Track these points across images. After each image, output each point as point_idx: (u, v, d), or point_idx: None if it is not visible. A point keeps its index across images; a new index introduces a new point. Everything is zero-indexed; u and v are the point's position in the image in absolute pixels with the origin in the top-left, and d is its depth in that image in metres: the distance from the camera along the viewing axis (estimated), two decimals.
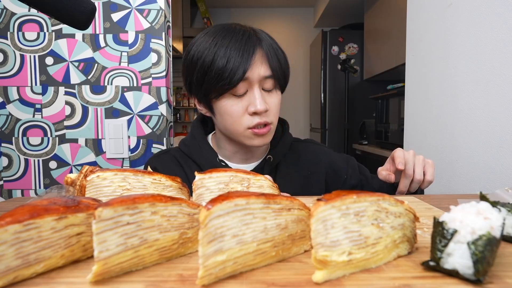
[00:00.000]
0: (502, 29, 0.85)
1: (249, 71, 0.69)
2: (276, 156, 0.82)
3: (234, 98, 0.72)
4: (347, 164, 0.88)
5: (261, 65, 0.71)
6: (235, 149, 0.82)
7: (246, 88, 0.71)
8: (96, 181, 0.50)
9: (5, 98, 1.16)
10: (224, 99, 0.72)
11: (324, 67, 3.54)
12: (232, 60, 0.68)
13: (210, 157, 0.80)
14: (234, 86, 0.69)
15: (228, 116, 0.73)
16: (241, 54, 0.69)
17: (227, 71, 0.68)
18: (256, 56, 0.70)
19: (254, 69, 0.70)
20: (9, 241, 0.30)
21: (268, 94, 0.74)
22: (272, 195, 0.35)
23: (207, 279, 0.30)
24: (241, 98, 0.72)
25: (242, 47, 0.69)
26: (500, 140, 0.86)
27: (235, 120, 0.73)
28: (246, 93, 0.72)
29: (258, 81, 0.71)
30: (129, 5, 1.16)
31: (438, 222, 0.33)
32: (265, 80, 0.72)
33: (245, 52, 0.69)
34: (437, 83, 1.14)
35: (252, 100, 0.71)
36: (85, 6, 0.59)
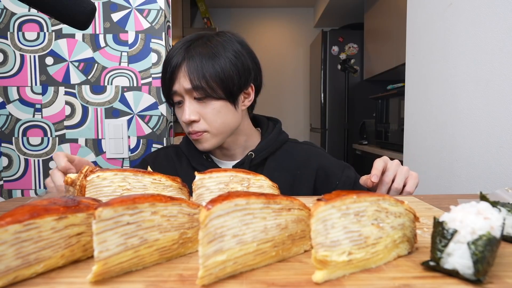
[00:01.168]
0: (502, 29, 0.85)
1: (175, 84, 0.77)
2: (258, 152, 0.84)
3: (177, 106, 0.81)
4: (342, 171, 0.87)
5: (184, 78, 0.76)
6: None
7: (180, 97, 0.79)
8: (96, 181, 0.50)
9: (5, 98, 1.16)
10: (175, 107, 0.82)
11: (324, 67, 3.54)
12: (165, 73, 0.79)
13: (197, 153, 0.86)
14: (171, 97, 0.79)
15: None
16: (167, 68, 0.78)
17: (164, 84, 0.80)
18: (179, 69, 0.76)
19: (178, 82, 0.77)
20: (9, 241, 0.30)
21: (200, 105, 0.78)
22: (272, 195, 0.35)
23: (207, 279, 0.30)
24: (180, 108, 0.80)
25: (170, 61, 0.77)
26: (500, 140, 0.86)
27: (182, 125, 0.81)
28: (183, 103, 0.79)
29: (185, 93, 0.77)
30: (129, 5, 1.16)
31: (438, 222, 0.33)
32: (192, 91, 0.77)
33: (170, 65, 0.77)
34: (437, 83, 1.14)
35: (182, 111, 0.79)
36: (85, 6, 0.59)
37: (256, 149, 0.85)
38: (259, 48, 4.54)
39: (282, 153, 0.87)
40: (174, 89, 0.78)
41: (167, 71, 0.78)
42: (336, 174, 0.86)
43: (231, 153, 0.88)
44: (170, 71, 0.77)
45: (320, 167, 0.87)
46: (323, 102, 3.58)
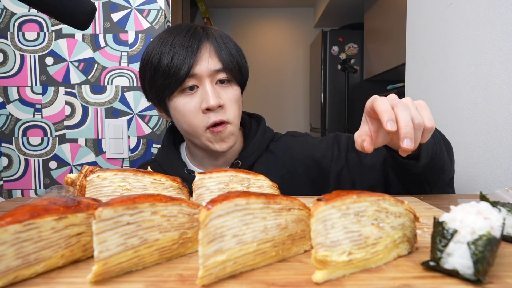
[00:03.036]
0: (502, 29, 0.85)
1: (196, 65, 0.67)
2: (244, 159, 0.76)
3: (184, 96, 0.69)
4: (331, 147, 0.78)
5: (210, 58, 0.68)
6: (202, 153, 0.77)
7: (196, 84, 0.68)
8: (96, 181, 0.50)
9: (5, 98, 1.16)
10: (175, 98, 0.69)
11: (324, 67, 3.54)
12: (177, 56, 0.66)
13: (177, 168, 0.76)
14: (181, 83, 0.67)
15: (182, 116, 0.69)
16: (185, 49, 0.67)
17: (172, 67, 0.66)
18: (203, 50, 0.68)
19: (202, 63, 0.67)
20: (9, 241, 0.30)
21: (223, 89, 0.70)
22: (272, 195, 0.35)
23: (207, 279, 0.30)
24: (192, 96, 0.68)
25: (186, 42, 0.67)
26: (500, 140, 0.86)
27: (190, 120, 0.69)
28: (198, 89, 0.69)
29: (208, 76, 0.68)
30: (129, 5, 1.16)
31: (438, 222, 0.33)
32: (216, 74, 0.69)
33: (190, 46, 0.67)
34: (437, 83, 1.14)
35: (204, 96, 0.67)
36: (85, 6, 0.59)
37: (242, 156, 0.77)
38: (259, 48, 4.55)
39: (268, 155, 0.79)
40: (194, 72, 0.67)
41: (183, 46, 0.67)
42: (325, 156, 0.77)
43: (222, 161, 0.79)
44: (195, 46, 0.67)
45: (305, 157, 0.78)
46: (323, 102, 3.58)
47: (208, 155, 0.77)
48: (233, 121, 0.71)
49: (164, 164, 0.79)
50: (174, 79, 0.66)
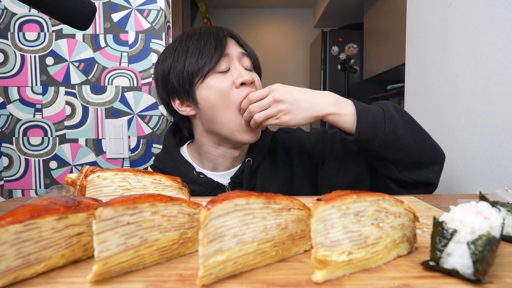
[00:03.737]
0: (502, 29, 0.85)
1: (227, 47, 0.73)
2: (255, 157, 0.79)
3: (218, 75, 0.72)
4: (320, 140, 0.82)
5: (235, 45, 0.76)
6: (222, 152, 0.78)
7: (228, 64, 0.73)
8: (96, 181, 0.50)
9: (6, 98, 1.16)
10: (208, 79, 0.72)
11: (324, 67, 3.54)
12: (209, 41, 0.72)
13: (186, 171, 0.77)
14: (217, 62, 0.71)
15: (217, 94, 0.71)
16: (216, 35, 0.73)
17: (206, 50, 0.71)
18: (230, 39, 0.76)
19: (231, 46, 0.74)
20: (9, 241, 0.30)
21: (250, 72, 0.76)
22: (272, 195, 0.35)
23: (207, 279, 0.30)
24: (225, 75, 0.73)
25: (215, 31, 0.74)
26: (500, 140, 0.86)
27: (225, 97, 0.71)
28: (229, 70, 0.73)
29: (237, 57, 0.74)
30: (129, 5, 1.16)
31: (438, 222, 0.33)
32: (243, 58, 0.75)
33: (219, 33, 0.74)
34: (437, 83, 1.14)
35: (237, 73, 0.72)
36: (86, 7, 0.59)
37: (253, 154, 0.79)
38: (259, 48, 4.54)
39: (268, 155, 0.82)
40: (227, 52, 0.73)
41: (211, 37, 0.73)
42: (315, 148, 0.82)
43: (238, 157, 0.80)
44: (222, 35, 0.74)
45: (300, 150, 0.83)
46: None
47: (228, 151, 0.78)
48: None
49: (170, 168, 0.78)
50: (209, 60, 0.71)
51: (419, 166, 0.71)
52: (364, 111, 0.67)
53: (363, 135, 0.66)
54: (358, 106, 0.68)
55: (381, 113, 0.68)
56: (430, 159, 0.72)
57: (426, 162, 0.71)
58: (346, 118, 0.67)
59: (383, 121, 0.67)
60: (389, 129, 0.66)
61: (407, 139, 0.68)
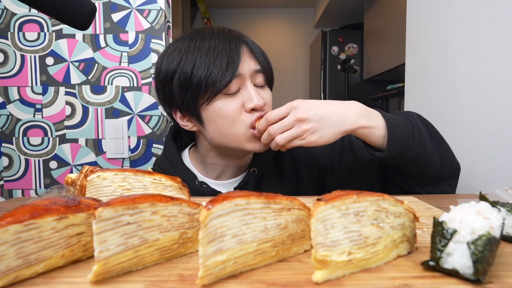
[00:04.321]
0: (501, 29, 0.85)
1: (240, 65, 0.65)
2: (260, 167, 0.75)
3: (227, 97, 0.66)
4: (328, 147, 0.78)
5: (250, 59, 0.67)
6: (226, 162, 0.75)
7: (239, 85, 0.66)
8: (96, 181, 0.50)
9: (6, 98, 1.16)
10: (216, 102, 0.65)
11: (324, 67, 3.54)
12: (220, 57, 0.64)
13: (188, 181, 0.71)
14: (227, 84, 0.64)
15: (224, 119, 0.66)
16: (228, 49, 0.64)
17: (216, 69, 0.63)
18: (244, 50, 0.67)
19: (244, 64, 0.66)
20: (9, 241, 0.30)
21: (261, 90, 0.70)
22: (272, 195, 0.35)
23: (207, 279, 0.30)
24: (235, 97, 0.66)
25: (227, 43, 0.65)
26: (500, 140, 0.86)
27: (233, 121, 0.66)
28: (239, 91, 0.67)
29: (250, 76, 0.67)
30: (129, 5, 1.16)
31: (438, 222, 0.33)
32: (256, 75, 0.68)
33: (233, 46, 0.65)
34: (437, 83, 1.14)
35: (248, 96, 0.66)
36: (86, 7, 0.59)
37: (259, 163, 0.76)
38: None
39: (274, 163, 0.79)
40: (240, 72, 0.64)
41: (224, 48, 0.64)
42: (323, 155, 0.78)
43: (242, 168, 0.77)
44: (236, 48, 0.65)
45: (306, 158, 0.79)
46: None
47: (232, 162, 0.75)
48: None
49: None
50: (218, 81, 0.63)
51: (439, 180, 0.68)
52: (394, 125, 0.61)
53: (394, 151, 0.60)
54: (388, 119, 0.62)
55: (409, 126, 0.62)
56: (450, 173, 0.68)
57: (445, 177, 0.68)
58: (377, 132, 0.60)
59: (412, 136, 0.61)
60: (418, 144, 0.61)
61: (434, 154, 0.64)
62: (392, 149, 0.60)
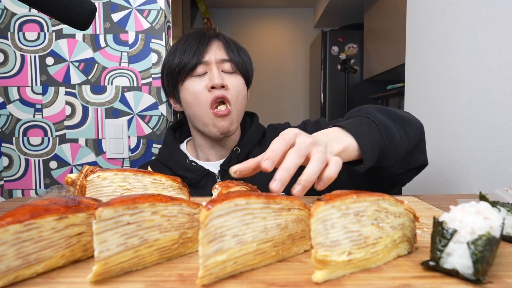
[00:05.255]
0: (501, 29, 0.85)
1: (206, 54, 0.80)
2: (242, 147, 0.85)
3: (195, 79, 0.80)
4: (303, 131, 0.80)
5: (218, 50, 0.82)
6: (209, 143, 0.86)
7: (205, 70, 0.81)
8: (96, 181, 0.50)
9: (6, 98, 1.16)
10: (187, 81, 0.81)
11: (324, 67, 3.54)
12: (190, 47, 0.80)
13: (179, 159, 0.85)
14: (193, 67, 0.79)
15: (191, 95, 0.80)
16: (198, 42, 0.81)
17: (186, 56, 0.80)
18: (212, 43, 0.82)
19: (210, 53, 0.81)
20: (9, 241, 0.30)
21: (228, 76, 0.82)
22: (272, 195, 0.35)
23: (207, 279, 0.30)
24: (201, 78, 0.80)
25: (198, 38, 0.82)
26: (500, 140, 0.86)
27: (197, 99, 0.79)
28: (206, 74, 0.81)
29: (215, 63, 0.81)
30: (129, 5, 1.16)
31: (438, 222, 0.33)
32: (223, 63, 0.81)
33: (202, 40, 0.81)
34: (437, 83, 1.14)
35: (210, 77, 0.79)
36: (85, 7, 0.59)
37: (240, 144, 0.86)
38: (259, 48, 4.55)
39: (263, 145, 0.87)
40: (205, 59, 0.80)
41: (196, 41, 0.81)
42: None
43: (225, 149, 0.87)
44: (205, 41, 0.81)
45: None
46: (323, 102, 3.58)
47: (215, 143, 0.86)
48: (236, 105, 0.81)
49: (167, 159, 0.86)
50: (187, 65, 0.80)
51: (409, 153, 0.67)
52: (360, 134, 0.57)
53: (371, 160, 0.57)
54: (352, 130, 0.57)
55: (374, 126, 0.60)
56: (415, 139, 0.68)
57: (413, 146, 0.68)
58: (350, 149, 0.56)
59: (381, 135, 0.59)
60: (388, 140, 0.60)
61: (403, 138, 0.63)
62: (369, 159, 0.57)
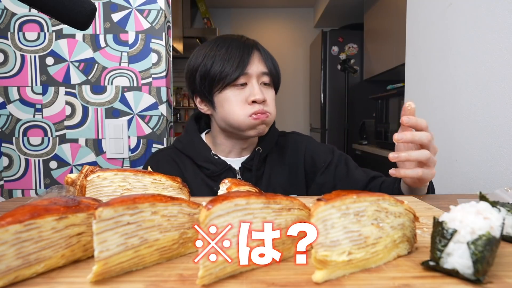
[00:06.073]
0: (501, 29, 0.85)
1: (249, 66, 0.81)
2: (264, 147, 0.89)
3: (235, 89, 0.81)
4: (327, 153, 0.92)
5: (259, 63, 0.83)
6: (232, 143, 0.89)
7: (246, 81, 0.81)
8: (96, 181, 0.50)
9: (6, 98, 1.16)
10: (226, 91, 0.81)
11: (324, 67, 3.54)
12: (233, 56, 0.80)
13: (203, 151, 0.87)
14: (235, 79, 0.80)
15: (230, 105, 0.81)
16: (241, 52, 0.81)
17: (228, 66, 0.80)
18: (254, 55, 0.82)
19: (253, 65, 0.81)
20: (9, 241, 0.30)
21: (265, 89, 0.84)
22: (272, 195, 0.35)
23: (207, 279, 0.30)
24: (242, 90, 0.81)
25: (241, 47, 0.82)
26: (500, 140, 0.86)
27: (236, 109, 0.81)
28: (246, 85, 0.81)
29: (256, 76, 0.82)
30: (129, 5, 1.16)
31: (438, 222, 0.33)
32: (262, 76, 0.83)
33: (244, 50, 0.82)
34: (437, 83, 1.14)
35: (252, 91, 0.81)
36: (85, 7, 0.59)
37: (263, 145, 0.90)
38: None
39: (277, 147, 0.93)
40: (248, 71, 0.80)
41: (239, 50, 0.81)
42: (321, 156, 0.91)
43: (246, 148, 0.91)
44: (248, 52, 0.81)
45: (306, 151, 0.93)
46: (323, 102, 3.58)
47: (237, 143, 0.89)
48: (272, 114, 0.84)
49: (189, 148, 0.88)
50: (229, 75, 0.80)
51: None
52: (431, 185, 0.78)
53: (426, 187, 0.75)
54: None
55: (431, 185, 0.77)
56: None
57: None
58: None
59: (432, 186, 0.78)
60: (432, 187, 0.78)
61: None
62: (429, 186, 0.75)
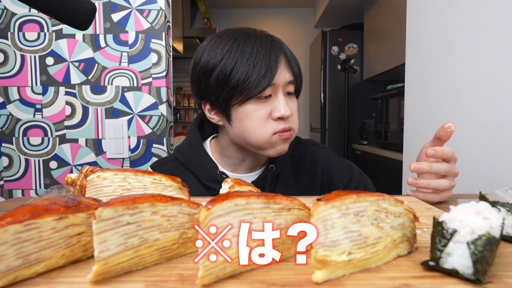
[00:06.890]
0: (501, 29, 0.85)
1: (276, 75, 0.67)
2: (278, 164, 0.79)
3: (258, 102, 0.68)
4: (345, 172, 0.85)
5: (285, 70, 0.70)
6: (243, 156, 0.78)
7: (271, 93, 0.69)
8: (96, 181, 0.50)
9: (6, 98, 1.16)
10: (248, 105, 0.68)
11: (324, 67, 3.54)
12: (260, 63, 0.66)
13: (210, 169, 0.76)
14: (261, 91, 0.66)
15: (251, 121, 0.69)
16: (268, 57, 0.67)
17: (254, 74, 0.66)
18: (281, 60, 0.69)
19: (280, 74, 0.68)
20: (9, 241, 0.30)
21: (290, 100, 0.72)
22: (272, 195, 0.35)
23: (207, 279, 0.30)
24: (265, 103, 0.69)
25: (268, 52, 0.68)
26: (500, 140, 0.86)
27: (259, 126, 0.69)
28: (270, 97, 0.69)
29: (282, 86, 0.70)
30: (129, 5, 1.16)
31: (438, 222, 0.33)
32: (287, 86, 0.71)
33: (273, 53, 0.68)
34: (437, 83, 1.14)
35: (277, 105, 0.69)
36: (85, 7, 0.59)
37: (277, 161, 0.79)
38: None
39: (292, 158, 0.83)
40: (275, 82, 0.67)
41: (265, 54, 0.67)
42: (339, 175, 0.84)
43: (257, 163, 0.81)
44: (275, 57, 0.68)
45: (324, 169, 0.85)
46: (323, 102, 3.58)
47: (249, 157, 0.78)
48: (295, 130, 0.74)
49: (193, 164, 0.78)
50: (254, 87, 0.66)
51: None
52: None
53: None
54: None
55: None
56: None
57: None
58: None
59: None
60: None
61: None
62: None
